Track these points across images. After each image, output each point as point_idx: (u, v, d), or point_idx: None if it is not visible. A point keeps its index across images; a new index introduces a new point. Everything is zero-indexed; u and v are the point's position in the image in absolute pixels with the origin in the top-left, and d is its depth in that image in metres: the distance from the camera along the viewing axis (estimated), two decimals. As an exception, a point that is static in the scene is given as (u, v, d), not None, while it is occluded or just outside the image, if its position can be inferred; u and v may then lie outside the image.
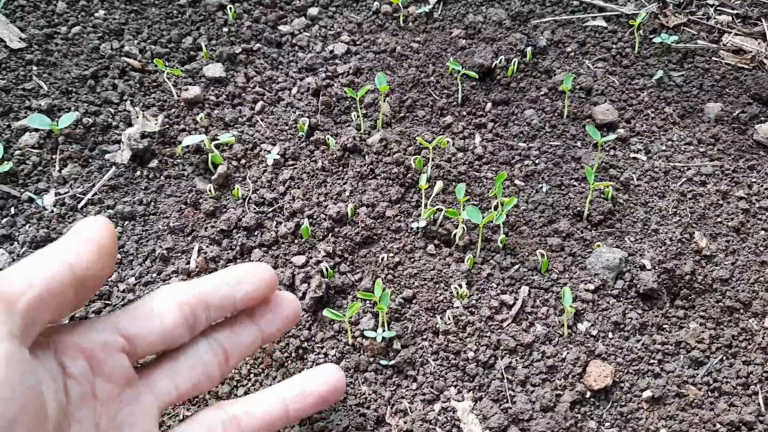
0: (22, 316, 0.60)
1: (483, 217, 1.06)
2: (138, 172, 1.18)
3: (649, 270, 1.10)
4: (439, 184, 1.13)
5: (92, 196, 1.14)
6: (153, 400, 0.74)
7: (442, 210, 1.13)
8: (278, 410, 0.80)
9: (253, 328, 0.82)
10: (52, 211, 1.12)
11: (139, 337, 0.71)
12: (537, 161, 1.24)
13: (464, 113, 1.31)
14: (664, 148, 1.27)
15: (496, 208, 1.15)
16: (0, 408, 0.55)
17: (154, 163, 1.18)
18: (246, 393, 0.97)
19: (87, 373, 0.67)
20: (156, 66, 1.26)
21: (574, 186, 1.21)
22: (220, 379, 0.80)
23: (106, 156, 1.19)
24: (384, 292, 0.99)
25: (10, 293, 0.59)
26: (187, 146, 1.20)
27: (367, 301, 1.04)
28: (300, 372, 0.87)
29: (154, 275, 1.06)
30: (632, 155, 1.26)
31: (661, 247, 1.13)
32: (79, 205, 1.13)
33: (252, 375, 0.99)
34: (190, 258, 1.09)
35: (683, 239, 1.14)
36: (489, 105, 1.31)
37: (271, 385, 0.98)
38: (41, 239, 1.08)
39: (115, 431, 0.69)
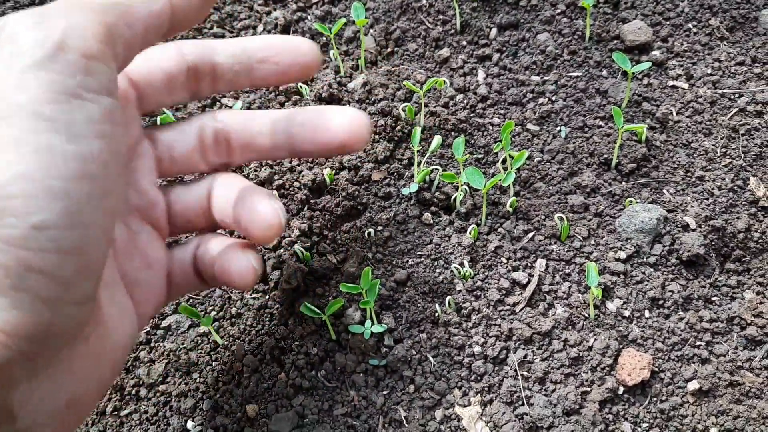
0: (124, 52, 0.58)
1: (487, 180, 0.87)
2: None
3: (694, 230, 0.90)
4: (437, 140, 0.93)
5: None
6: (153, 159, 0.74)
7: (438, 170, 0.93)
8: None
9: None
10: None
11: (145, 85, 0.71)
12: (554, 98, 1.02)
13: (464, 43, 1.08)
14: (709, 71, 1.04)
15: (504, 162, 0.95)
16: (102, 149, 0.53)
17: (97, 131, 1.00)
18: (213, 406, 0.83)
19: (125, 129, 0.68)
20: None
21: (599, 127, 1.00)
22: (218, 168, 0.78)
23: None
24: (372, 283, 0.81)
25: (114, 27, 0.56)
26: (134, 107, 1.00)
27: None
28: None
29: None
30: (670, 83, 1.04)
31: (707, 200, 0.93)
32: None
33: (220, 383, 0.85)
34: (142, 245, 0.92)
35: (735, 187, 0.94)
36: (494, 31, 1.08)
37: (242, 395, 0.83)
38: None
39: (128, 176, 0.71)
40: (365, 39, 1.05)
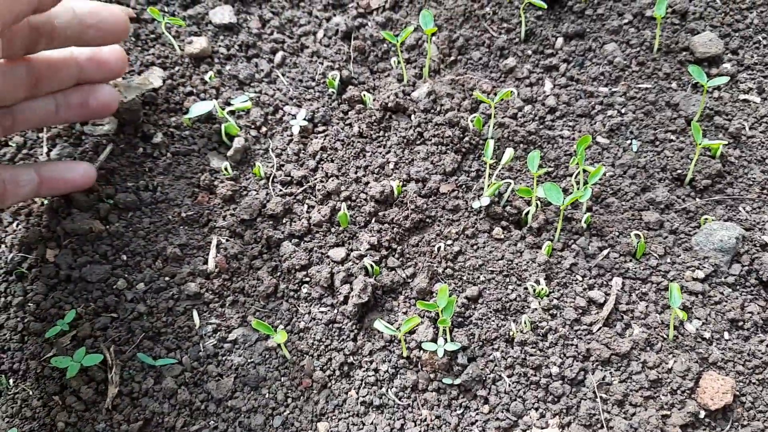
0: None
1: (565, 197, 0.85)
2: (140, 149, 0.98)
3: (773, 249, 0.88)
4: (509, 153, 0.91)
5: (88, 182, 0.95)
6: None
7: (510, 183, 0.91)
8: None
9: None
10: (42, 204, 0.94)
11: None
12: (623, 110, 1.00)
13: (529, 52, 1.06)
14: (782, 85, 1.02)
15: (577, 176, 0.93)
16: None
17: (158, 137, 0.98)
18: (283, 423, 0.81)
19: None
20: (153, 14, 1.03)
21: (671, 141, 0.97)
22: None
23: (100, 131, 0.99)
24: (449, 301, 0.80)
25: None
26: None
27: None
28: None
29: (167, 279, 0.89)
30: (742, 97, 1.01)
31: (786, 218, 0.91)
32: (74, 195, 0.95)
33: (289, 399, 0.83)
34: (207, 255, 0.90)
35: (814, 206, 0.91)
36: (560, 40, 1.06)
37: (312, 412, 0.82)
38: (32, 240, 0.90)
39: None
40: (429, 49, 1.03)
